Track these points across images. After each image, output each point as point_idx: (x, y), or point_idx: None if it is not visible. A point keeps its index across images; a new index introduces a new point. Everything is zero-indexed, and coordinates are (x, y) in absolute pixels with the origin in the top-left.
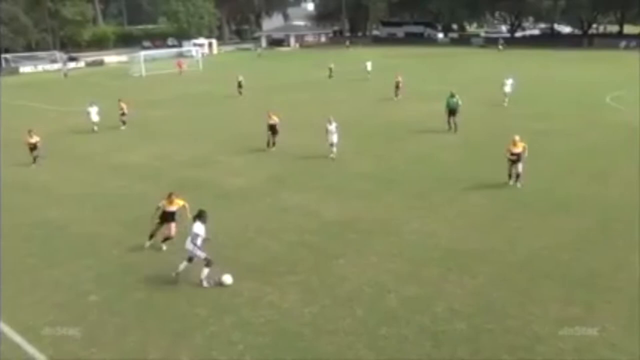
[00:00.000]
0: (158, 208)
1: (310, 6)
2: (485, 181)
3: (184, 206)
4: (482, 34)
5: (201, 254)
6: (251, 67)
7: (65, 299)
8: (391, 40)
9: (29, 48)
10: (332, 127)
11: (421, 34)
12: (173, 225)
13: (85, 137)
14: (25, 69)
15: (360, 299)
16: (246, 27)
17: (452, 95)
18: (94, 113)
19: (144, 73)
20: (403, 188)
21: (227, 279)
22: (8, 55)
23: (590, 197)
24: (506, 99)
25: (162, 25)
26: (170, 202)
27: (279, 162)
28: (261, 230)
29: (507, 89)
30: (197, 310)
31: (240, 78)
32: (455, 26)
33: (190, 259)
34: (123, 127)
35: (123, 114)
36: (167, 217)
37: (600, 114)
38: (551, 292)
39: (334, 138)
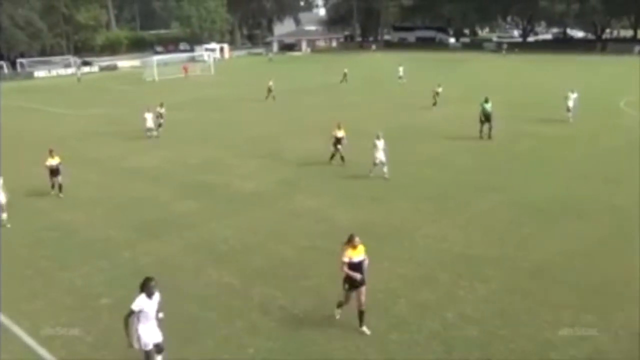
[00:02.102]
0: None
1: (322, 11)
2: (499, 186)
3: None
4: (494, 39)
5: (136, 345)
6: (263, 71)
7: (77, 302)
8: (403, 45)
9: (43, 53)
10: (381, 143)
11: (433, 39)
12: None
13: (98, 140)
14: (40, 73)
15: (371, 304)
16: (258, 31)
17: (487, 101)
18: (149, 119)
19: (156, 78)
20: (415, 192)
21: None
22: (23, 60)
23: (604, 202)
24: (570, 115)
25: (175, 30)
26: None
27: (291, 167)
28: (272, 234)
29: (571, 103)
30: (208, 314)
31: (271, 83)
32: (467, 31)
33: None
34: (155, 133)
35: (160, 117)
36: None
37: (614, 119)
38: (564, 299)
39: (382, 155)
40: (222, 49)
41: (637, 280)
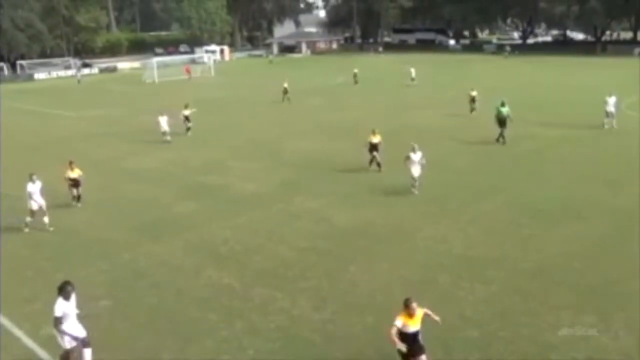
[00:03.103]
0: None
1: (322, 13)
2: (499, 187)
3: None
4: (494, 41)
5: (62, 343)
6: (263, 73)
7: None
8: (403, 47)
9: (43, 54)
10: (417, 156)
11: (432, 41)
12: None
13: (99, 142)
14: (40, 75)
15: (371, 306)
16: (258, 33)
17: (503, 105)
18: (163, 122)
19: (156, 79)
20: (415, 194)
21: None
22: (23, 62)
23: (604, 204)
24: (612, 121)
25: (175, 32)
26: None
27: (292, 168)
28: (272, 235)
29: (611, 108)
30: (208, 315)
31: (285, 85)
32: (467, 33)
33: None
34: (189, 134)
35: (187, 119)
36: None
37: (615, 121)
38: (564, 300)
39: (416, 170)
40: (222, 51)
41: (637, 281)
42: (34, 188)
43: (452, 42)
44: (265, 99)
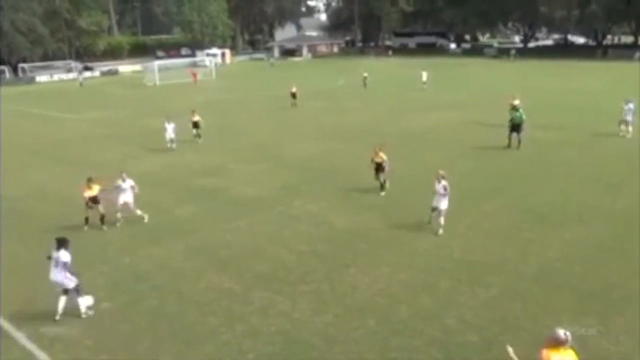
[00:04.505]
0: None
1: (323, 17)
2: (499, 191)
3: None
4: (495, 44)
5: (71, 283)
6: (265, 76)
7: (77, 309)
8: (403, 51)
9: (45, 58)
10: (440, 186)
11: (433, 44)
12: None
13: (100, 144)
14: (42, 78)
15: (371, 309)
16: (259, 37)
17: (516, 109)
18: (170, 130)
19: (157, 82)
20: (415, 197)
21: (88, 300)
22: (25, 65)
23: (604, 208)
24: (628, 128)
25: (177, 35)
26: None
27: (292, 171)
28: (272, 239)
29: (629, 117)
30: (208, 319)
31: (294, 89)
32: (467, 36)
33: (65, 291)
34: (200, 141)
35: (196, 125)
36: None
37: (616, 125)
38: (565, 304)
39: (441, 203)
40: (223, 54)
41: (638, 285)
42: (126, 185)
43: (453, 45)
44: (267, 102)
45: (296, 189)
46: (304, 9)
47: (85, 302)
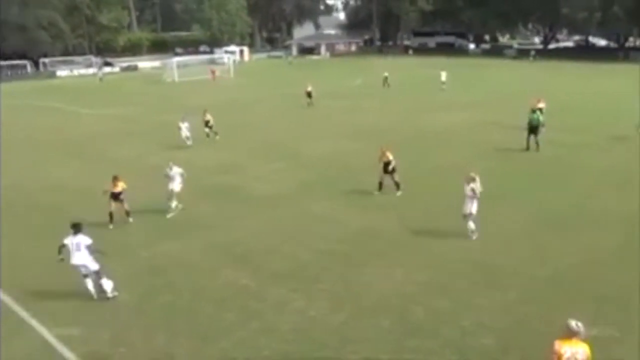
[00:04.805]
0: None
1: (341, 15)
2: (516, 194)
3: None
4: (515, 45)
5: (96, 265)
6: (283, 74)
7: (96, 302)
8: (423, 50)
9: (66, 53)
10: (468, 188)
11: (452, 44)
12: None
13: (118, 141)
14: (62, 73)
15: (386, 310)
16: (277, 35)
17: (533, 111)
18: (184, 128)
19: (176, 79)
20: (432, 198)
21: (108, 284)
22: (46, 60)
23: (623, 212)
24: None
25: (195, 32)
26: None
27: (309, 170)
28: (288, 237)
29: None
30: (224, 315)
31: (310, 88)
32: (487, 37)
33: (87, 275)
34: (217, 137)
35: (208, 124)
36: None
37: (635, 128)
38: (581, 309)
39: (472, 207)
40: (241, 52)
41: None
42: (173, 173)
43: (472, 46)
44: (284, 101)
45: (312, 188)
46: (322, 7)
47: (109, 284)
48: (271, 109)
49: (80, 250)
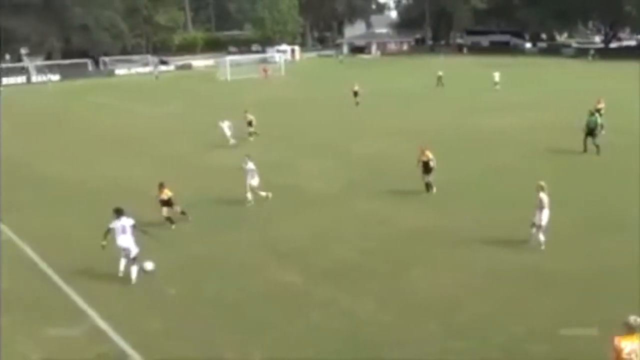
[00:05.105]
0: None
1: (393, 14)
2: (572, 197)
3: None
4: (574, 44)
5: (136, 249)
6: (333, 73)
7: (146, 292)
8: (477, 49)
9: (124, 52)
10: (545, 196)
11: (507, 43)
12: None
13: (171, 138)
14: (120, 71)
15: (433, 311)
16: (328, 34)
17: (592, 114)
18: (226, 128)
19: (229, 77)
20: (482, 200)
21: (149, 265)
22: (106, 58)
23: None
24: None
25: (248, 31)
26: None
27: (359, 169)
28: (336, 235)
29: None
30: (269, 311)
31: (356, 87)
32: (544, 35)
33: (129, 256)
34: (251, 139)
35: (250, 124)
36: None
37: None
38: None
39: (544, 217)
40: (292, 51)
41: None
42: (249, 167)
43: (528, 44)
44: (335, 99)
45: (361, 187)
46: (374, 6)
47: (149, 265)
48: (321, 107)
49: (125, 233)
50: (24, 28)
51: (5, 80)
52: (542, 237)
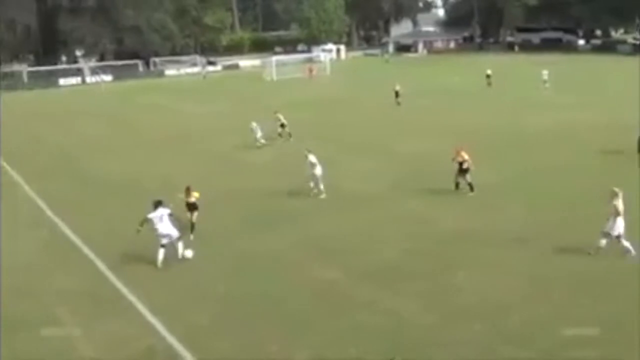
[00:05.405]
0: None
1: (441, 12)
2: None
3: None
4: (630, 40)
5: (176, 232)
6: (379, 72)
7: (190, 290)
8: (528, 47)
9: (173, 52)
10: (620, 203)
11: (559, 40)
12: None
13: (220, 135)
14: (170, 71)
15: (479, 314)
16: (374, 33)
17: None
18: (257, 129)
19: (275, 77)
20: (529, 201)
21: (189, 253)
22: (156, 59)
23: None
24: None
25: (294, 31)
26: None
27: (403, 168)
28: (379, 235)
29: None
30: (312, 310)
31: (397, 87)
32: (598, 32)
33: (164, 245)
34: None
35: (282, 126)
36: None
37: None
38: None
39: (619, 227)
40: (338, 50)
41: None
42: (311, 159)
43: (581, 41)
44: (380, 99)
45: (404, 186)
46: (421, 4)
47: (188, 252)
48: (366, 106)
49: (163, 222)
50: (79, 30)
51: (62, 81)
52: (626, 244)
